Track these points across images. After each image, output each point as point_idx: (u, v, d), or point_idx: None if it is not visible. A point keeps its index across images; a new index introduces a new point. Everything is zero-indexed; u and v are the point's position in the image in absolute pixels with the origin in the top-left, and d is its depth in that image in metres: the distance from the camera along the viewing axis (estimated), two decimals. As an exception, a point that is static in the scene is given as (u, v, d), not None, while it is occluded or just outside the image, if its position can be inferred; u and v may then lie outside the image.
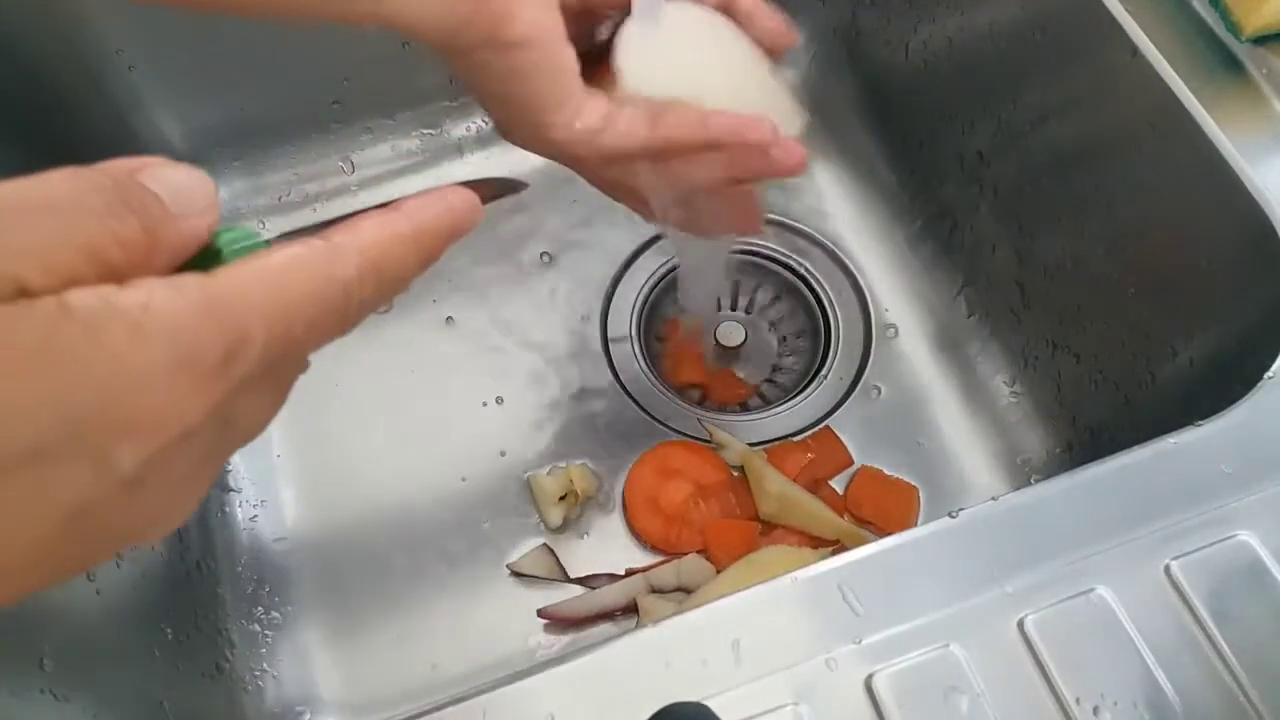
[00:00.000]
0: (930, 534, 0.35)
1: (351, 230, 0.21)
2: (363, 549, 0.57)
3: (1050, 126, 0.54)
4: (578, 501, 0.57)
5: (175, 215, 0.19)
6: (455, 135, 0.70)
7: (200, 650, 0.51)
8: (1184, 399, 0.48)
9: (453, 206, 0.23)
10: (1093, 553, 0.34)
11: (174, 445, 0.18)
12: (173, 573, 0.53)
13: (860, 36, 0.68)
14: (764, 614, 0.33)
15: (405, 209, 0.22)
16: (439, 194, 0.23)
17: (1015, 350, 0.60)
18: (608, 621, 0.54)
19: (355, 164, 0.69)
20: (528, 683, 0.32)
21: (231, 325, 0.18)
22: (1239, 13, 0.47)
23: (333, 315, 0.20)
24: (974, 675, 0.32)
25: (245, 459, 0.60)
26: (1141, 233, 0.49)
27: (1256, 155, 0.43)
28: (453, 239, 0.23)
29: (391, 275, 0.21)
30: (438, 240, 0.22)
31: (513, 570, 0.56)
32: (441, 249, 0.22)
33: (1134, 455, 0.37)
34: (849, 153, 0.70)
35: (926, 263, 0.65)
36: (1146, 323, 0.50)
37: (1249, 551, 0.34)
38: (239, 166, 0.67)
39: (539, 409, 0.61)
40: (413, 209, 0.22)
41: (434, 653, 0.54)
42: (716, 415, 0.61)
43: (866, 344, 0.63)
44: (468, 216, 0.23)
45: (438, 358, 0.63)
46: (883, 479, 0.58)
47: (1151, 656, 0.32)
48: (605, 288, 0.65)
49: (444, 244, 0.23)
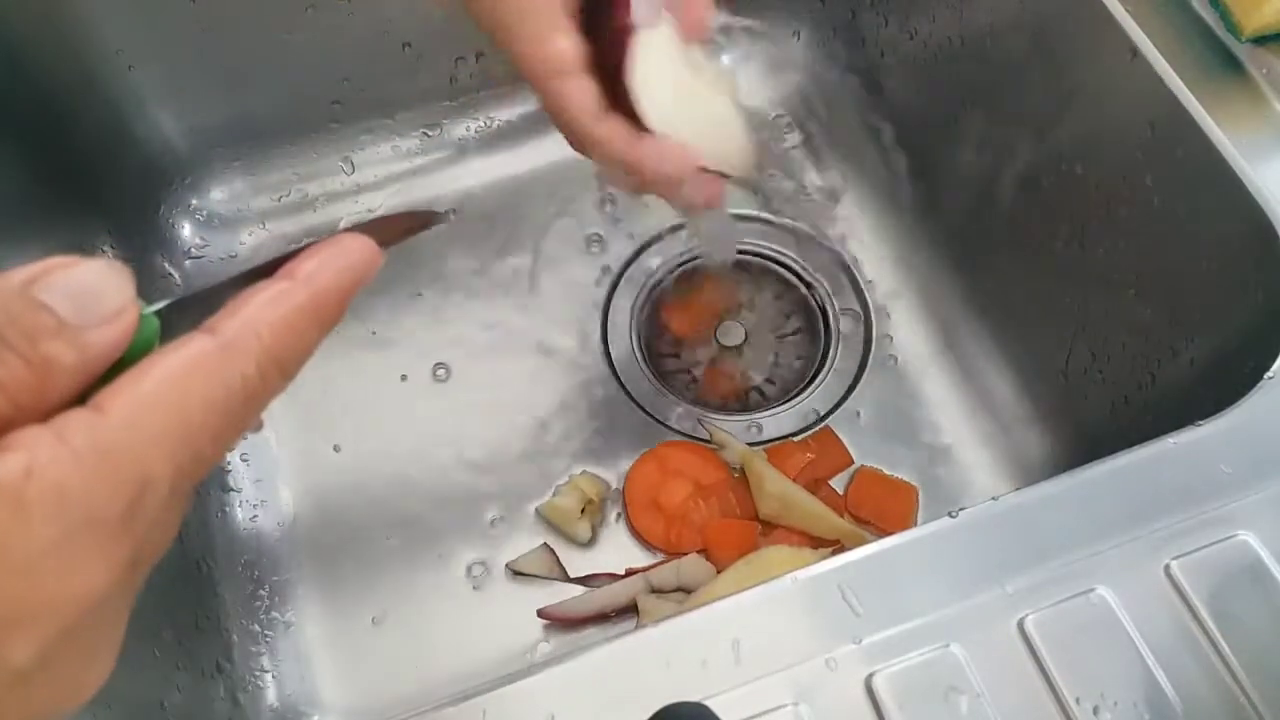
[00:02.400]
0: (930, 534, 0.35)
1: (245, 315, 0.18)
2: (362, 549, 0.57)
3: (1050, 126, 0.54)
4: (598, 509, 0.57)
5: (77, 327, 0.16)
6: (455, 135, 0.70)
7: (200, 650, 0.51)
8: (1184, 399, 0.48)
9: (351, 263, 0.21)
10: (1093, 553, 0.34)
11: (79, 620, 0.16)
12: (173, 573, 0.53)
13: (860, 36, 0.68)
14: (764, 614, 0.33)
15: (300, 274, 0.20)
16: (334, 248, 0.21)
17: (1015, 350, 0.60)
18: (608, 621, 0.54)
19: (355, 164, 0.69)
20: (528, 683, 0.32)
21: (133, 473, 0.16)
22: (1239, 13, 0.47)
23: (237, 418, 0.18)
24: (974, 675, 0.32)
25: (245, 459, 0.60)
26: (1141, 233, 0.49)
27: (1256, 155, 0.43)
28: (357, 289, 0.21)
29: (293, 356, 0.19)
30: (339, 303, 0.20)
31: (513, 570, 0.56)
32: (343, 311, 0.20)
33: (1134, 455, 0.36)
34: (849, 153, 0.70)
35: (926, 262, 0.65)
36: (1146, 323, 0.50)
37: (1249, 551, 0.34)
38: (239, 166, 0.67)
39: (539, 409, 0.61)
40: (309, 274, 0.20)
41: (434, 652, 0.54)
42: (716, 415, 0.61)
43: (866, 344, 0.63)
44: (367, 269, 0.21)
45: (437, 359, 0.63)
46: (882, 479, 0.58)
47: (1151, 656, 0.32)
48: (606, 287, 0.65)
49: (345, 305, 0.20)
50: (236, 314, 0.19)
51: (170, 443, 0.17)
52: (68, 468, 0.15)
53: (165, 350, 0.18)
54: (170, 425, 0.17)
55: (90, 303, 0.17)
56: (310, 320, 0.20)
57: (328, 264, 0.20)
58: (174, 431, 0.17)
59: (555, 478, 0.58)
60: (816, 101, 0.71)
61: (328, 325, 0.20)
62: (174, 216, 0.66)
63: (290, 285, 0.19)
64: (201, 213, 0.67)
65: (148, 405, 0.17)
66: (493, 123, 0.70)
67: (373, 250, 0.21)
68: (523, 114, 0.70)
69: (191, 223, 0.67)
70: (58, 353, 0.16)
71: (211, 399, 0.17)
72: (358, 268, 0.21)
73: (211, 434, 0.17)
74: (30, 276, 0.17)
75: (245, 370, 0.18)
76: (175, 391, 0.17)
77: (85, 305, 0.17)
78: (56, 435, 0.16)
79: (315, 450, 0.60)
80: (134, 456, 0.16)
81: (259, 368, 0.18)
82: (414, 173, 0.69)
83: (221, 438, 0.18)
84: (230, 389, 0.18)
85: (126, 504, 0.16)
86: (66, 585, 0.16)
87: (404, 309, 0.64)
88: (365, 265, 0.21)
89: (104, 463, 0.16)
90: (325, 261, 0.20)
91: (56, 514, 0.15)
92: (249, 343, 0.18)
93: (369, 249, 0.21)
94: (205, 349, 0.18)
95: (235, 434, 0.18)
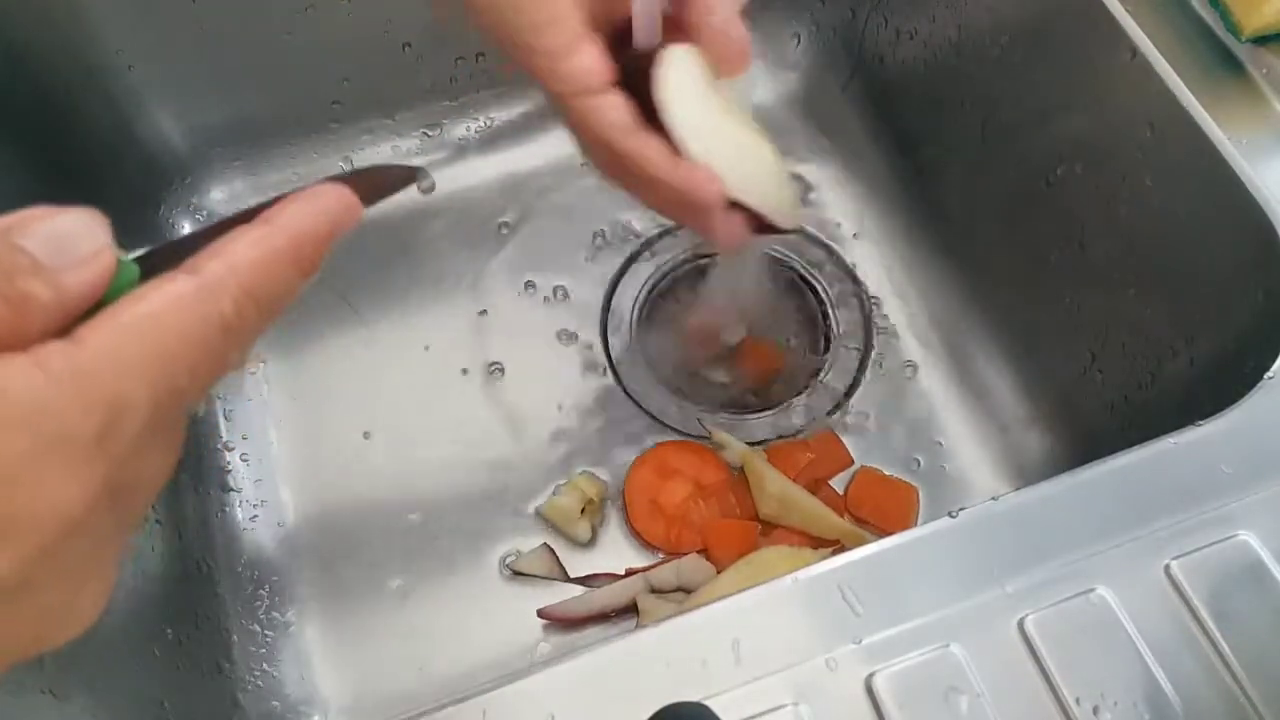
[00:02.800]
0: (930, 534, 0.35)
1: (223, 255, 0.19)
2: (363, 549, 0.57)
3: (1050, 126, 0.54)
4: (598, 509, 0.57)
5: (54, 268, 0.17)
6: (455, 135, 0.70)
7: (200, 650, 0.51)
8: (1184, 399, 0.48)
9: (329, 208, 0.21)
10: (1093, 553, 0.34)
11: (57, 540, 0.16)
12: (173, 573, 0.53)
13: (860, 36, 0.68)
14: (764, 614, 0.33)
15: (279, 221, 0.20)
16: (312, 197, 0.21)
17: (1015, 350, 0.60)
18: (608, 621, 0.54)
19: (355, 164, 0.69)
20: (528, 683, 0.32)
21: (106, 395, 0.17)
22: (1239, 13, 0.47)
23: (215, 353, 0.19)
24: (974, 675, 0.32)
25: (245, 459, 0.60)
26: (1141, 232, 0.49)
27: (1256, 155, 0.43)
28: (335, 234, 0.21)
29: (272, 296, 0.20)
30: (316, 248, 0.21)
31: (513, 570, 0.56)
32: (321, 256, 0.21)
33: (1134, 455, 0.37)
34: (849, 152, 0.70)
35: (926, 262, 0.65)
36: (1146, 323, 0.50)
37: (1249, 551, 0.34)
38: (239, 166, 0.67)
39: (539, 409, 0.61)
40: (287, 220, 0.20)
41: (434, 652, 0.54)
42: (716, 415, 0.61)
43: (866, 344, 0.63)
44: (345, 216, 0.22)
45: (437, 358, 0.63)
46: (882, 479, 0.58)
47: (1151, 656, 0.32)
48: (606, 287, 0.65)
49: (323, 250, 0.21)
50: (215, 255, 0.19)
51: (144, 369, 0.17)
52: (39, 384, 0.16)
53: (144, 287, 0.18)
54: (145, 353, 0.17)
55: (66, 246, 0.18)
56: (288, 263, 0.20)
57: (305, 209, 0.21)
58: (148, 359, 0.17)
59: (555, 478, 0.58)
60: (816, 102, 0.71)
61: (307, 269, 0.21)
62: (174, 216, 0.66)
63: (269, 229, 0.20)
64: (201, 213, 0.67)
65: (122, 333, 0.17)
66: (493, 123, 0.70)
67: (350, 199, 0.22)
68: (523, 114, 0.70)
69: (191, 223, 0.67)
70: (34, 290, 0.17)
71: (187, 332, 0.18)
72: (334, 212, 0.21)
73: (188, 365, 0.18)
74: (8, 225, 0.18)
75: (223, 307, 0.19)
76: (151, 323, 0.18)
77: (61, 248, 0.18)
78: (31, 359, 0.16)
79: (315, 451, 0.60)
80: (107, 380, 0.17)
81: (236, 305, 0.19)
82: (414, 173, 0.69)
83: (199, 371, 0.19)
84: (208, 324, 0.18)
85: (100, 425, 0.17)
86: (40, 499, 0.16)
87: (401, 308, 0.64)
88: (343, 212, 0.22)
89: (76, 383, 0.16)
90: (304, 208, 0.21)
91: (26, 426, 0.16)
92: (226, 281, 0.19)
93: (347, 197, 0.22)
94: (183, 285, 0.18)
95: (214, 369, 0.19)
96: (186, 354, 0.18)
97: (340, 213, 0.22)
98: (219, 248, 0.19)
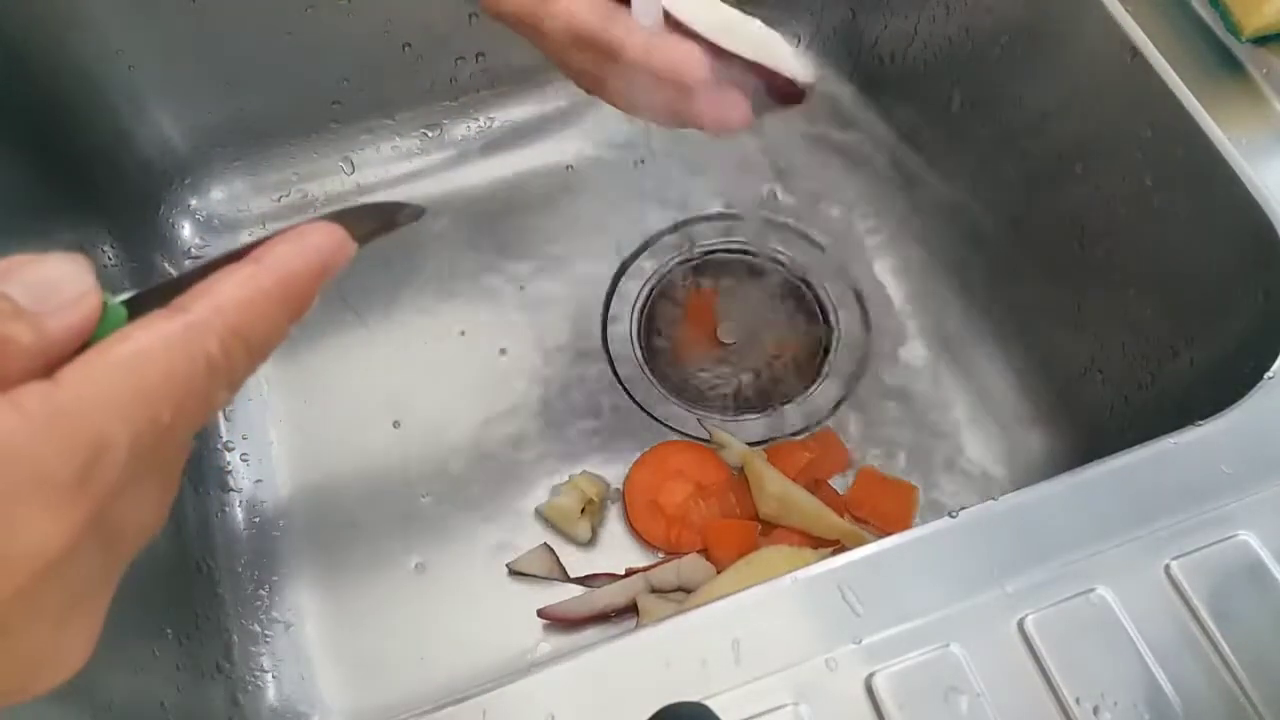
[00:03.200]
0: (930, 534, 0.35)
1: (209, 296, 0.19)
2: (363, 549, 0.57)
3: (1050, 126, 0.54)
4: (598, 509, 0.57)
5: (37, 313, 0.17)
6: (455, 135, 0.70)
7: (200, 650, 0.51)
8: (1184, 399, 0.48)
9: (319, 247, 0.21)
10: (1093, 553, 0.34)
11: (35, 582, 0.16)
12: (173, 573, 0.53)
13: (860, 36, 0.68)
14: (764, 614, 0.33)
15: (267, 260, 0.20)
16: (300, 236, 0.21)
17: (1015, 349, 0.60)
18: (608, 621, 0.54)
19: (355, 164, 0.69)
20: (528, 683, 0.32)
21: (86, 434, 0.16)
22: (1239, 13, 0.47)
23: (200, 393, 0.19)
24: (974, 675, 0.32)
25: (245, 459, 0.60)
26: (1142, 233, 0.49)
27: (1256, 155, 0.43)
28: (327, 275, 0.21)
29: (260, 336, 0.20)
30: (307, 288, 0.21)
31: (513, 570, 0.56)
32: (312, 296, 0.21)
33: (1134, 455, 0.37)
34: (848, 152, 0.70)
35: (926, 262, 0.65)
36: (1146, 323, 0.50)
37: (1249, 551, 0.34)
38: (239, 166, 0.67)
39: (539, 409, 0.61)
40: (275, 260, 0.20)
41: (434, 652, 0.54)
42: (716, 415, 0.61)
43: (866, 343, 0.63)
44: (336, 255, 0.21)
45: (438, 358, 0.63)
46: (882, 479, 0.58)
47: (1151, 656, 0.32)
48: (605, 287, 0.65)
49: (314, 291, 0.21)
50: (201, 294, 0.19)
51: (125, 408, 0.17)
52: (13, 425, 0.16)
53: (128, 327, 0.18)
54: (126, 391, 0.17)
55: (49, 292, 0.18)
56: (276, 302, 0.20)
57: (294, 249, 0.21)
58: (130, 397, 0.17)
59: (555, 478, 0.58)
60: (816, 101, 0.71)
61: (296, 309, 0.21)
62: (174, 216, 0.66)
63: (256, 268, 0.20)
64: (201, 213, 0.67)
65: (103, 372, 0.17)
66: (493, 123, 0.70)
67: (341, 238, 0.21)
68: (523, 114, 0.70)
69: (191, 223, 0.67)
70: (15, 333, 0.17)
71: (171, 370, 0.18)
72: (324, 251, 0.21)
73: (171, 405, 0.18)
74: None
75: (208, 347, 0.19)
76: (133, 361, 0.18)
77: (44, 294, 0.18)
78: (7, 399, 0.16)
79: (315, 451, 0.60)
80: (85, 418, 0.17)
81: (223, 345, 0.19)
82: (414, 173, 0.69)
83: (186, 410, 0.18)
84: (192, 363, 0.18)
85: (80, 465, 0.16)
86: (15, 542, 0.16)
87: (401, 308, 0.64)
88: (334, 252, 0.21)
89: (53, 423, 0.16)
90: (293, 248, 0.21)
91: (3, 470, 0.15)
92: (211, 320, 0.19)
93: (337, 236, 0.21)
94: (166, 324, 0.18)
95: (201, 409, 0.19)
96: (170, 393, 0.18)
97: (330, 251, 0.21)
98: (205, 287, 0.19)
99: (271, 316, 0.20)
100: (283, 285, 0.20)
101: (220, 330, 0.19)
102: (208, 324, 0.19)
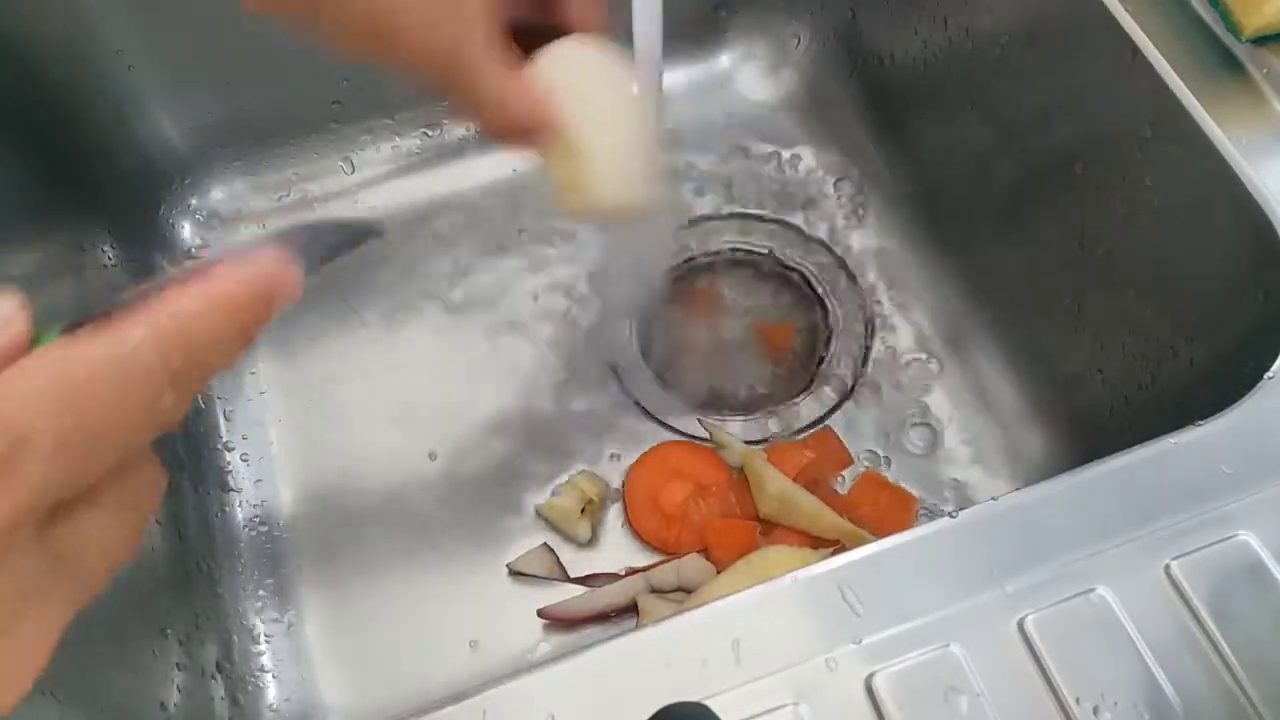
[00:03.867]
0: (930, 534, 0.35)
1: (145, 308, 0.19)
2: (363, 549, 0.57)
3: (1050, 126, 0.54)
4: (598, 508, 0.57)
5: None
6: (455, 135, 0.70)
7: (200, 650, 0.51)
8: (1184, 399, 0.48)
9: (263, 267, 0.21)
10: (1093, 553, 0.34)
11: None
12: (173, 573, 0.53)
13: (860, 36, 0.68)
14: (764, 614, 0.33)
15: (210, 274, 0.20)
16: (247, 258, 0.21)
17: (1016, 350, 0.60)
18: (608, 621, 0.54)
19: (355, 164, 0.69)
20: (528, 682, 0.32)
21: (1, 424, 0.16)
22: (1239, 13, 0.47)
23: (137, 398, 0.18)
24: (974, 675, 0.32)
25: (245, 459, 0.60)
26: (1141, 233, 0.49)
27: (1256, 155, 0.43)
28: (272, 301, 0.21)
29: (203, 344, 0.20)
30: (252, 303, 0.21)
31: (512, 570, 0.56)
32: (261, 313, 0.21)
33: (1134, 455, 0.36)
34: (848, 152, 0.70)
35: (926, 262, 0.65)
36: (1146, 323, 0.50)
37: (1249, 551, 0.34)
38: (239, 166, 0.67)
39: (539, 409, 0.61)
40: (218, 274, 0.20)
41: (434, 652, 0.54)
42: (716, 415, 0.61)
43: (866, 343, 0.63)
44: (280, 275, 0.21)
45: (437, 358, 0.63)
46: (881, 483, 0.58)
47: (1151, 656, 0.32)
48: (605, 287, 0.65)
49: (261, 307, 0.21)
50: (139, 308, 0.19)
51: (47, 403, 0.17)
52: None
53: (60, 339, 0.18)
54: (48, 388, 0.17)
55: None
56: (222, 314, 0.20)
57: (238, 269, 0.21)
58: (52, 393, 0.17)
59: (555, 477, 0.58)
60: (816, 102, 0.71)
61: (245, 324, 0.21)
62: (174, 216, 0.66)
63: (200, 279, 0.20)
64: (201, 213, 0.67)
65: (19, 370, 0.17)
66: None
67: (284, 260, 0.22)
68: (523, 114, 0.70)
69: (191, 223, 0.67)
70: None
71: (100, 374, 0.18)
72: (270, 271, 0.21)
73: (99, 405, 0.18)
74: None
75: (143, 353, 0.18)
76: (57, 362, 0.18)
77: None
78: None
79: (315, 451, 0.60)
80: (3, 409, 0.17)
81: (160, 349, 0.19)
82: (414, 173, 0.69)
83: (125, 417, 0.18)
84: (125, 366, 0.18)
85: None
86: None
87: (400, 308, 0.64)
88: (278, 271, 0.21)
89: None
90: (236, 267, 0.21)
91: None
92: (144, 328, 0.19)
93: (279, 258, 0.22)
94: (97, 332, 0.18)
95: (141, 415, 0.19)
96: (99, 395, 0.18)
97: (275, 271, 0.21)
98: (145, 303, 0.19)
99: (215, 326, 0.20)
100: (226, 296, 0.20)
101: (156, 337, 0.19)
102: (139, 329, 0.19)
